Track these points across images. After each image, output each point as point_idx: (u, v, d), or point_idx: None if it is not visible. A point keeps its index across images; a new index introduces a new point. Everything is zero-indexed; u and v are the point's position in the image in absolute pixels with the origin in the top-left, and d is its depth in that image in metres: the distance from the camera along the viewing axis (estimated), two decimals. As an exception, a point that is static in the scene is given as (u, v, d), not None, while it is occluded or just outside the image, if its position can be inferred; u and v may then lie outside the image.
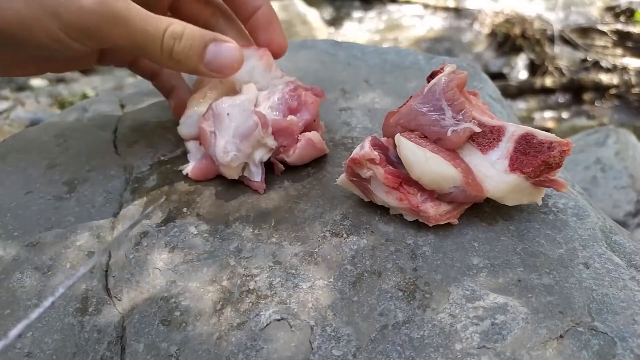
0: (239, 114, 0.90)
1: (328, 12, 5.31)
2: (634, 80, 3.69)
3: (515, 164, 0.76)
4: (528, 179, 0.76)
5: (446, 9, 5.15)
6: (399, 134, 0.82)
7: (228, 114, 0.90)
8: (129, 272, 0.80)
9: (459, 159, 0.79)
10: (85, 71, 4.07)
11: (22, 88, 3.80)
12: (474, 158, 0.79)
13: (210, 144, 0.91)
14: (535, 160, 0.75)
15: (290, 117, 0.94)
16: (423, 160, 0.77)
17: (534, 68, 4.11)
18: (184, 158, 1.01)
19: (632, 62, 3.96)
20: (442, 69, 0.86)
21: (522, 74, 4.10)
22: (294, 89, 0.97)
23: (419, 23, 4.99)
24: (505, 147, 0.78)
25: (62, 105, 3.36)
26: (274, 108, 0.94)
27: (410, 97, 0.88)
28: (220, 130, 0.90)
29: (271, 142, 0.91)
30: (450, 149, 0.80)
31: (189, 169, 0.97)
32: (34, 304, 0.76)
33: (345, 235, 0.82)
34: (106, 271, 0.81)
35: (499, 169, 0.77)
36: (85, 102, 1.26)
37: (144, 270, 0.80)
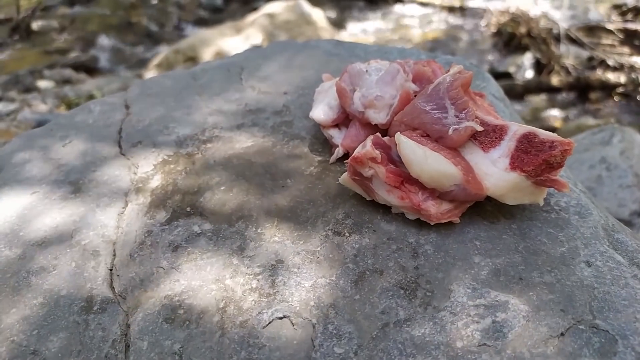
0: (378, 68, 0.96)
1: (333, 12, 5.31)
2: (641, 78, 3.66)
3: (515, 162, 0.76)
4: (529, 178, 0.76)
5: (451, 8, 5.13)
6: (399, 132, 0.82)
7: (367, 70, 0.95)
8: (133, 270, 0.81)
9: (459, 157, 0.79)
10: (92, 73, 4.10)
11: (29, 89, 3.82)
12: (475, 156, 0.79)
13: (352, 101, 0.94)
14: (536, 159, 0.75)
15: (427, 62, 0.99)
16: (422, 158, 0.77)
17: (540, 67, 4.08)
18: (188, 158, 1.02)
19: (639, 61, 3.93)
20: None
21: (528, 73, 4.08)
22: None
23: (423, 23, 4.98)
24: (506, 145, 0.78)
25: (68, 106, 3.37)
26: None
27: (415, 95, 0.88)
28: (360, 85, 0.94)
29: (413, 86, 0.93)
30: (452, 148, 0.80)
31: (339, 150, 0.97)
32: (40, 303, 0.77)
33: (347, 234, 0.83)
34: (111, 270, 0.82)
35: (499, 167, 0.77)
36: (91, 102, 1.27)
37: (148, 268, 0.81)
